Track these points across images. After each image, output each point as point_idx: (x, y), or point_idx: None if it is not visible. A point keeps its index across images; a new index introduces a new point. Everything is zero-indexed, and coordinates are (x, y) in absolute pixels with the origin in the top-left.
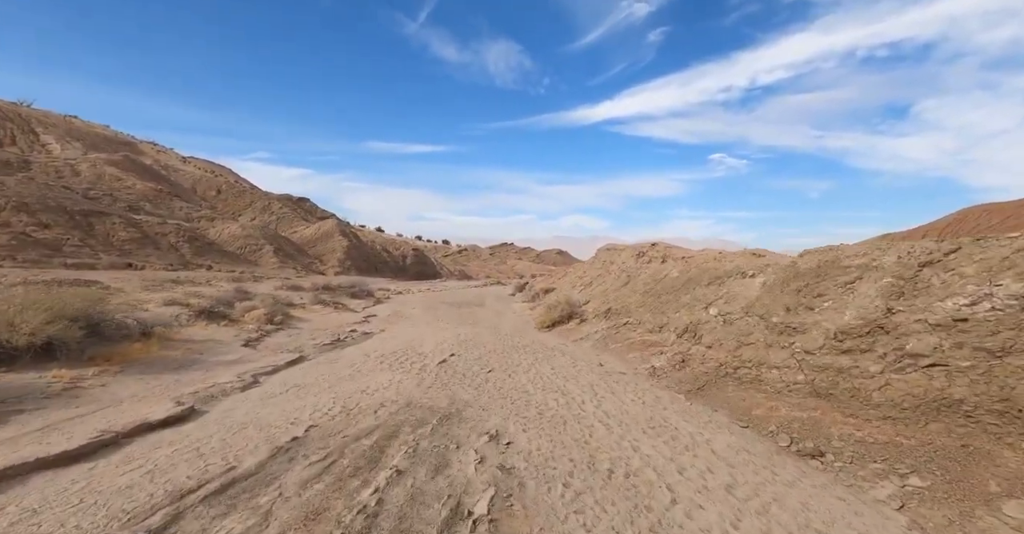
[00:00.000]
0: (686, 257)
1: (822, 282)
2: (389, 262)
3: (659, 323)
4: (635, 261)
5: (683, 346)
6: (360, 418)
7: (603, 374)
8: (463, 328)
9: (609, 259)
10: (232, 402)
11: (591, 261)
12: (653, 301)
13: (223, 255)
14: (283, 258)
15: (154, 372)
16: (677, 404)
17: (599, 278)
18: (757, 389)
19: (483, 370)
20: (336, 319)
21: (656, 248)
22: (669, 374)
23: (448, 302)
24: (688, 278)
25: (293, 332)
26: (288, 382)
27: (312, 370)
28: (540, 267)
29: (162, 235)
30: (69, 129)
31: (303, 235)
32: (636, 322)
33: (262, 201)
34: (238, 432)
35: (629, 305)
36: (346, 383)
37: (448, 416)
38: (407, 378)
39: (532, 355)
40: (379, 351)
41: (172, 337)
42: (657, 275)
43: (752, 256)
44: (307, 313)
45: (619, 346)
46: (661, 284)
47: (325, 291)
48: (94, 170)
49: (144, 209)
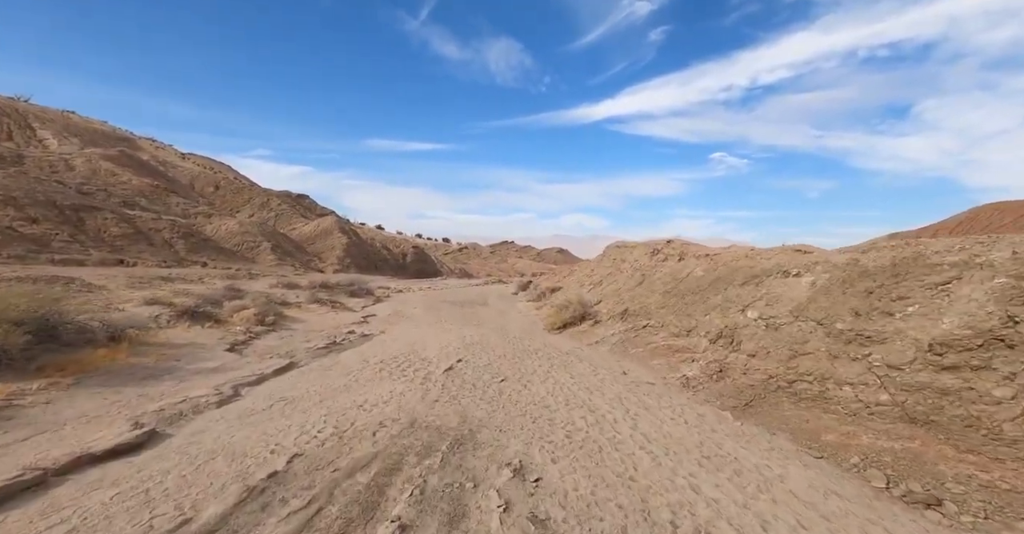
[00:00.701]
0: (711, 254)
1: (902, 283)
2: (389, 260)
3: (685, 326)
4: (649, 259)
5: (718, 353)
6: (355, 443)
7: (630, 385)
8: (468, 329)
9: (620, 257)
10: (204, 422)
11: (599, 259)
12: (676, 302)
13: (219, 252)
14: (281, 255)
15: (116, 384)
16: (726, 425)
17: (610, 277)
18: (823, 408)
19: (495, 379)
20: (333, 319)
21: (672, 245)
22: (706, 386)
23: (450, 301)
24: (716, 277)
25: (286, 334)
26: (274, 395)
27: (303, 379)
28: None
29: (156, 231)
30: (67, 125)
31: (302, 232)
32: (658, 325)
33: (261, 198)
34: (204, 465)
35: (648, 306)
36: (341, 396)
37: (460, 440)
38: (410, 389)
39: (547, 361)
40: (379, 356)
41: (147, 341)
42: (677, 274)
43: (795, 252)
44: (302, 313)
45: (640, 351)
46: (684, 284)
47: (323, 289)
48: (89, 165)
49: (139, 204)
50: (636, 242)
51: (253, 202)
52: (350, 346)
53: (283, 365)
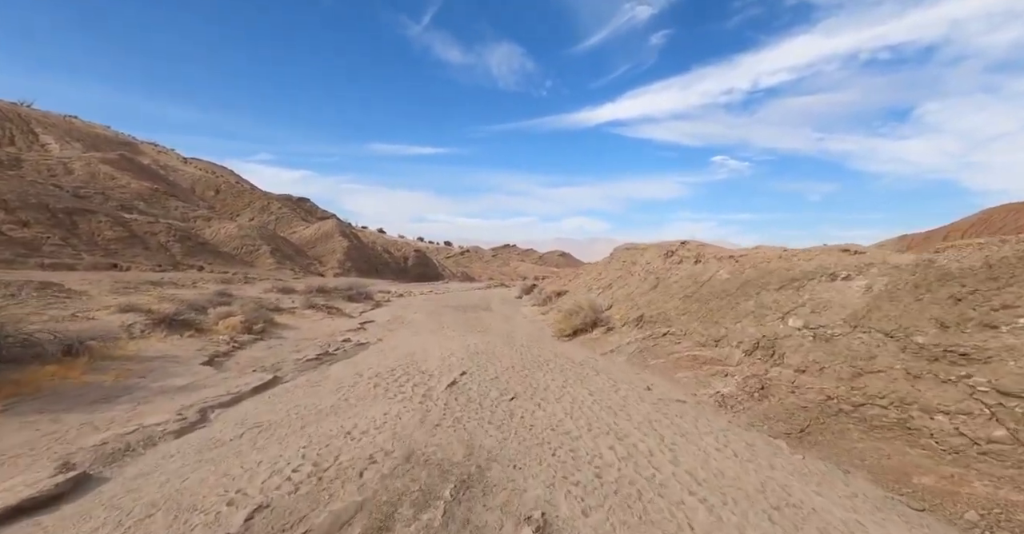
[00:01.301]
0: (735, 256)
1: (1006, 288)
2: (390, 263)
3: (713, 335)
4: (663, 261)
5: (757, 367)
6: (337, 487)
7: (657, 403)
8: (472, 337)
9: (630, 259)
10: (154, 459)
11: (608, 262)
12: (699, 308)
13: (217, 256)
14: (280, 259)
15: (58, 409)
16: (783, 458)
17: (620, 280)
18: (907, 441)
19: (504, 396)
20: (328, 326)
21: (687, 247)
22: (746, 405)
23: (452, 306)
24: (744, 281)
25: (274, 343)
26: (248, 419)
27: (285, 399)
28: (543, 269)
29: (152, 234)
30: (69, 129)
31: (302, 236)
32: (680, 333)
33: (261, 201)
34: (135, 526)
35: (667, 312)
36: (326, 420)
37: (467, 482)
38: (407, 410)
39: (560, 374)
40: (374, 368)
41: (112, 355)
42: (698, 277)
43: (840, 253)
44: (296, 319)
45: (662, 362)
46: (706, 288)
47: (320, 294)
48: (88, 169)
49: (137, 208)
50: (647, 244)
51: (253, 206)
52: (343, 357)
53: (265, 381)
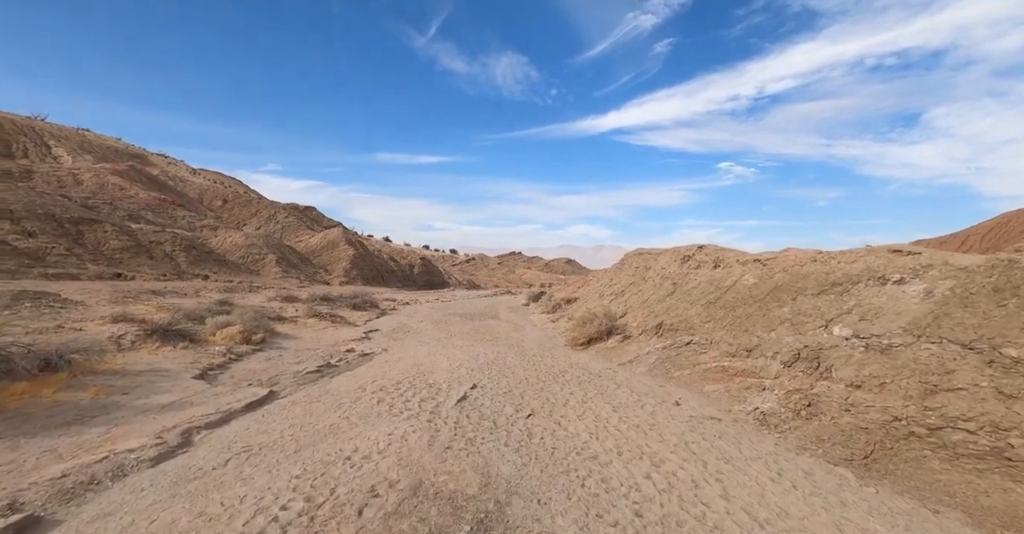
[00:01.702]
0: (761, 259)
1: None
2: (396, 271)
3: (744, 345)
4: (679, 266)
5: (800, 381)
6: (331, 530)
7: (690, 421)
8: (481, 346)
9: (644, 265)
10: (121, 494)
11: (619, 267)
12: (725, 315)
13: (222, 264)
14: (286, 267)
15: (20, 433)
16: (852, 491)
17: (633, 286)
18: (1009, 475)
19: (519, 413)
20: (331, 336)
21: (705, 251)
22: (792, 424)
23: (459, 314)
24: (775, 286)
25: (274, 354)
26: (235, 443)
27: (279, 417)
28: (549, 276)
29: (157, 244)
30: (81, 142)
31: (308, 244)
32: (705, 342)
33: (268, 210)
34: None
35: (688, 319)
36: (324, 442)
37: (485, 522)
38: (414, 430)
39: (578, 387)
40: (378, 382)
41: (96, 368)
42: (720, 282)
43: (890, 254)
44: (298, 328)
45: (687, 374)
46: (731, 294)
47: (323, 302)
48: (97, 179)
49: (145, 218)
50: (661, 249)
51: (260, 215)
52: (346, 369)
53: (260, 396)
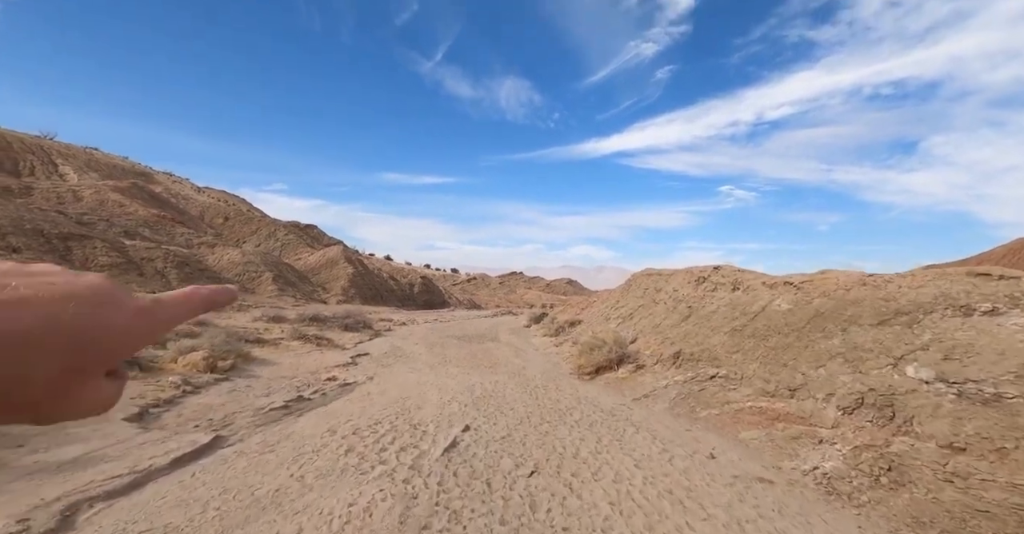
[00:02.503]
0: (794, 282)
1: None
2: (396, 290)
3: (785, 382)
4: (694, 288)
5: (869, 434)
6: None
7: (734, 484)
8: (477, 374)
9: (654, 286)
10: None
11: (625, 289)
12: (756, 345)
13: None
14: (282, 285)
15: None
16: None
17: (642, 309)
18: None
19: (520, 469)
20: (314, 361)
21: (721, 272)
22: (872, 496)
23: (457, 336)
24: (816, 313)
25: (241, 384)
26: (132, 526)
27: (212, 479)
28: (551, 296)
29: (148, 260)
30: (88, 160)
31: (307, 262)
32: (735, 376)
33: (268, 228)
34: None
35: (712, 348)
36: (258, 521)
37: None
38: (385, 496)
39: (590, 429)
40: (353, 422)
41: None
42: (745, 307)
43: (977, 277)
44: (278, 352)
45: (716, 414)
46: (760, 321)
47: (313, 322)
48: (97, 196)
49: (141, 234)
50: (673, 270)
51: (260, 232)
52: (320, 403)
53: (198, 446)
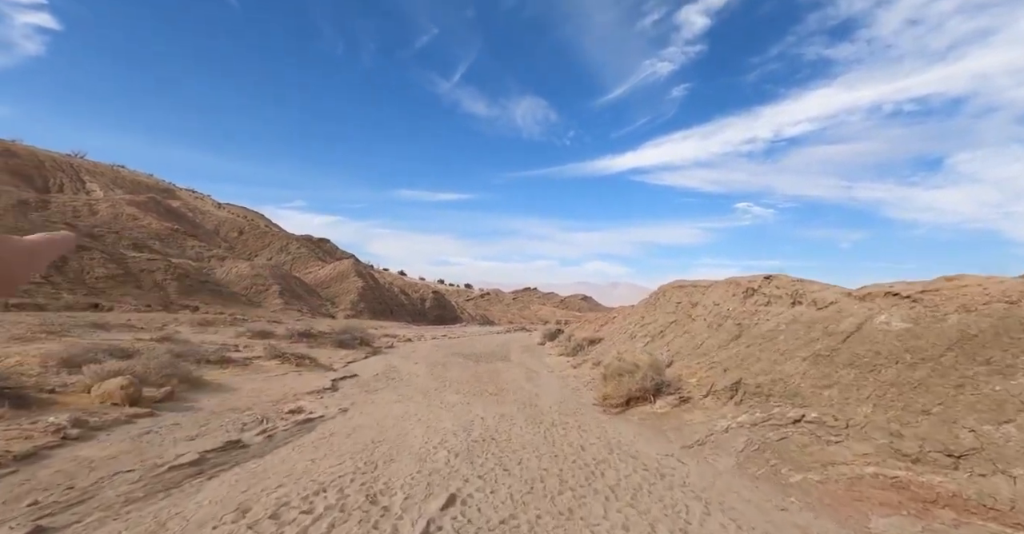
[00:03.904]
0: (906, 293)
1: None
2: (407, 305)
3: (936, 440)
4: (741, 302)
5: None
6: None
7: None
8: (480, 405)
9: (688, 299)
10: None
11: (651, 302)
12: (861, 379)
13: (218, 295)
14: (289, 299)
15: None
16: None
17: (675, 326)
18: None
19: None
20: (285, 385)
21: (775, 282)
22: None
23: (464, 354)
24: (962, 336)
25: (167, 421)
26: None
27: None
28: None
29: (148, 273)
30: (115, 177)
31: (317, 275)
32: (836, 423)
33: (281, 241)
34: None
35: (786, 379)
36: None
37: None
38: None
39: (634, 506)
40: (286, 487)
41: None
42: (827, 326)
43: None
44: (244, 375)
45: (816, 481)
46: (861, 344)
47: (304, 338)
48: (113, 210)
49: (150, 247)
50: (711, 280)
51: (272, 245)
52: (256, 452)
53: None
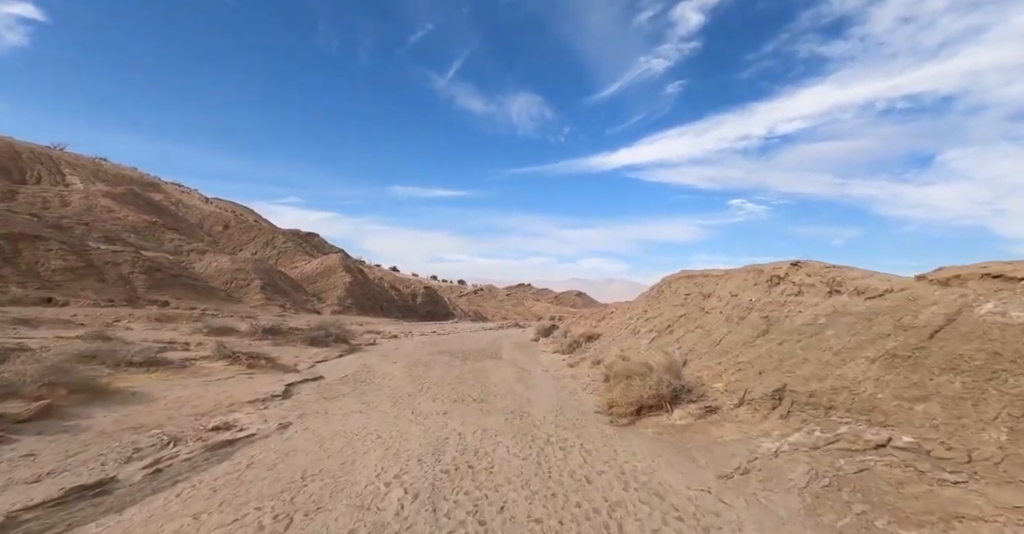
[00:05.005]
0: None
1: None
2: (397, 301)
3: None
4: (765, 292)
5: None
6: None
7: None
8: (458, 415)
9: (698, 290)
10: None
11: (656, 295)
12: (978, 391)
13: (191, 289)
14: (271, 294)
15: None
16: None
17: (685, 321)
18: None
19: None
20: (224, 392)
21: (805, 269)
22: None
23: (451, 351)
24: None
25: (22, 448)
26: None
27: None
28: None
29: (113, 265)
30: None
31: (303, 270)
32: (956, 455)
33: (267, 235)
34: None
35: (853, 387)
36: None
37: None
38: None
39: None
40: None
41: None
42: (899, 319)
43: None
44: (175, 380)
45: None
46: (959, 344)
47: (272, 335)
48: (86, 201)
49: (124, 239)
50: (725, 269)
51: (258, 240)
52: (111, 507)
53: None
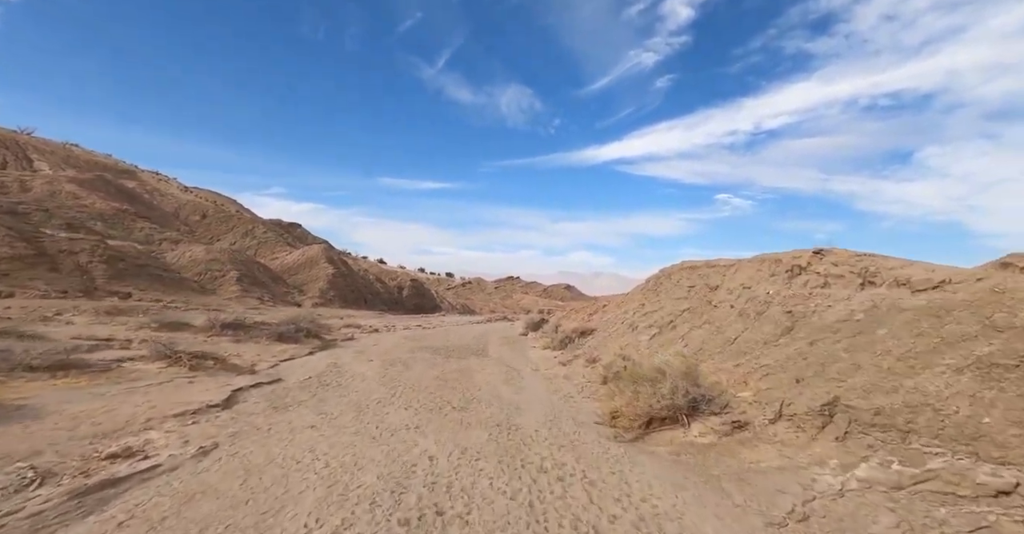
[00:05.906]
0: None
1: None
2: (382, 293)
3: None
4: (785, 284)
5: None
6: None
7: None
8: (433, 430)
9: (704, 282)
10: None
11: (654, 287)
12: None
13: (157, 280)
14: (248, 286)
15: None
16: None
17: (690, 315)
18: None
19: None
20: (148, 402)
21: (831, 258)
22: None
23: (434, 347)
24: None
25: None
26: None
27: None
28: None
29: (69, 254)
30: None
31: (284, 262)
32: None
33: (246, 226)
34: None
35: (940, 404)
36: None
37: None
38: None
39: None
40: None
41: None
42: (987, 319)
43: None
44: (86, 388)
45: None
46: None
47: (232, 330)
48: (49, 187)
49: (88, 227)
50: (733, 259)
51: (237, 230)
52: None
53: None
